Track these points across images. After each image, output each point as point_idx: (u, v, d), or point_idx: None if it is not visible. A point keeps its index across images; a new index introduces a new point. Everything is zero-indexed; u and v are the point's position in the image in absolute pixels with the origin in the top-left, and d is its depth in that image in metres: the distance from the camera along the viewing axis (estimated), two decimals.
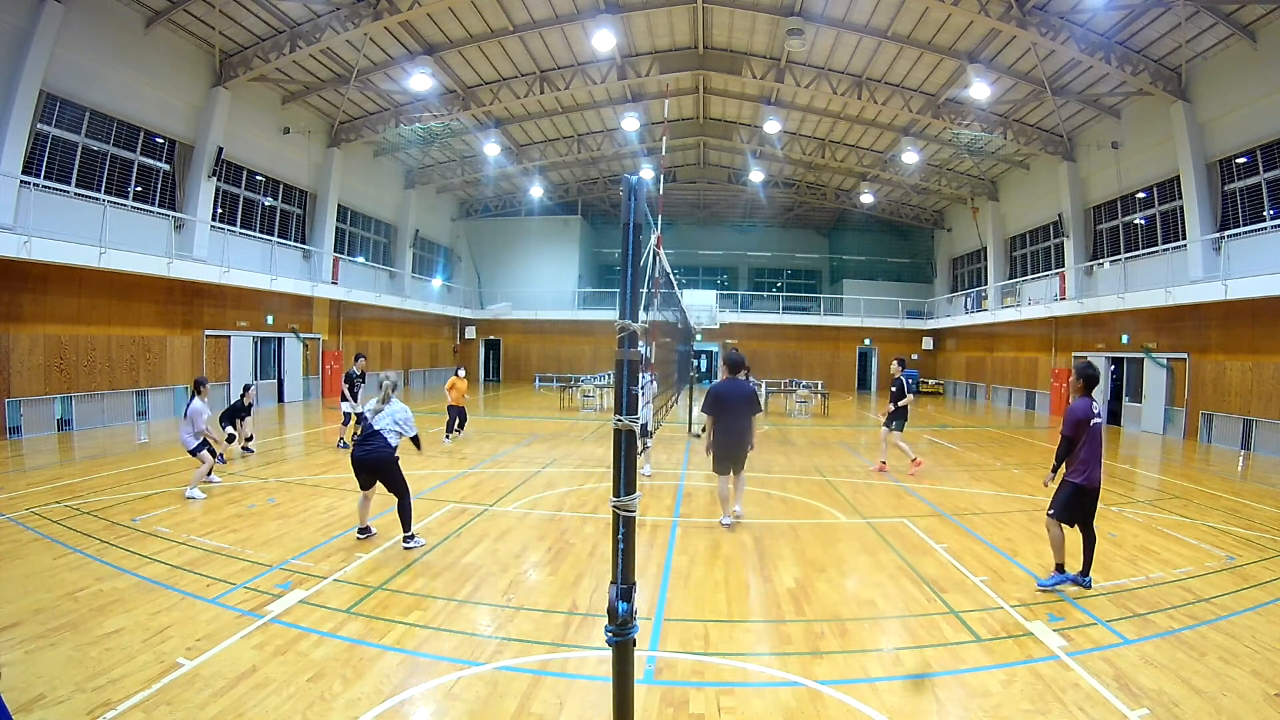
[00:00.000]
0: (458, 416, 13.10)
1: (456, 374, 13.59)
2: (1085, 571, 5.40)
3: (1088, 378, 5.35)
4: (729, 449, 7.10)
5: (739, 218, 35.73)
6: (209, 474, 8.28)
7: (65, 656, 3.85)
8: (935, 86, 19.33)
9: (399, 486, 6.14)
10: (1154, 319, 16.94)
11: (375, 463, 6.06)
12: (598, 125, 25.25)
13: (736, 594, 5.30)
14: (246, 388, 11.43)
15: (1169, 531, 7.23)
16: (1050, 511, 5.40)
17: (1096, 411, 5.32)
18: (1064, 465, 5.36)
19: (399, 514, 6.17)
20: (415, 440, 6.50)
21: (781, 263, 37.16)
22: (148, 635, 4.17)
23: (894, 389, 10.30)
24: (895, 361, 10.56)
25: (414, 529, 6.23)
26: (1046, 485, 5.57)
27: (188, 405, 8.23)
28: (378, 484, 6.18)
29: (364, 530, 6.41)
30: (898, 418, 10.24)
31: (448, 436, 12.93)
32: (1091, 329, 19.78)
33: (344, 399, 12.11)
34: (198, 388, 8.49)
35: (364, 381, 12.44)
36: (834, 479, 9.96)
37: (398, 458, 6.15)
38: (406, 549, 6.06)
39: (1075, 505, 5.32)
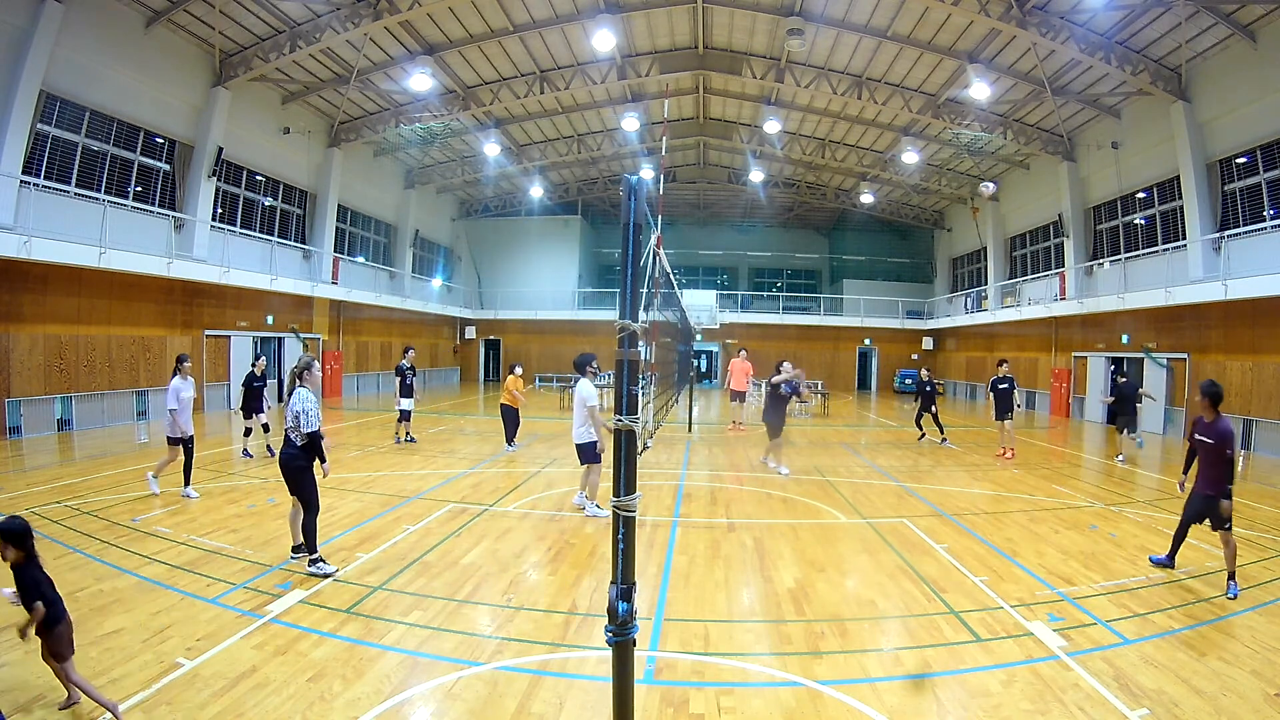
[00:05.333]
0: (509, 422, 11.90)
1: (512, 371, 12.32)
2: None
3: (1213, 395, 5.26)
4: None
5: (739, 218, 35.71)
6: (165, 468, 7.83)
7: None
8: (935, 86, 19.33)
9: (304, 496, 5.41)
10: (1154, 319, 16.93)
11: (282, 469, 5.47)
12: (598, 125, 25.23)
13: (736, 594, 5.30)
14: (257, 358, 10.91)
15: (1169, 531, 7.16)
16: (1226, 525, 5.36)
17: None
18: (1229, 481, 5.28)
19: (301, 528, 5.50)
20: (316, 442, 5.39)
21: (781, 263, 37.15)
22: (148, 635, 4.17)
23: (993, 393, 12.47)
24: (999, 364, 12.90)
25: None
26: (1226, 498, 5.34)
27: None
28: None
29: (298, 549, 5.57)
30: (1006, 410, 12.31)
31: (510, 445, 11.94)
32: (1092, 329, 19.78)
33: (402, 395, 12.25)
34: (179, 364, 7.82)
35: (415, 374, 12.53)
36: (834, 479, 9.96)
37: (303, 465, 5.39)
38: (310, 573, 5.33)
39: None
